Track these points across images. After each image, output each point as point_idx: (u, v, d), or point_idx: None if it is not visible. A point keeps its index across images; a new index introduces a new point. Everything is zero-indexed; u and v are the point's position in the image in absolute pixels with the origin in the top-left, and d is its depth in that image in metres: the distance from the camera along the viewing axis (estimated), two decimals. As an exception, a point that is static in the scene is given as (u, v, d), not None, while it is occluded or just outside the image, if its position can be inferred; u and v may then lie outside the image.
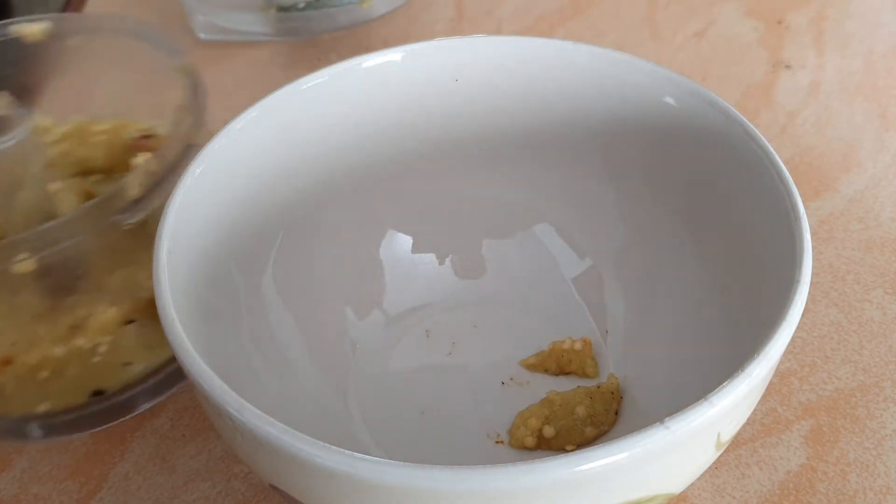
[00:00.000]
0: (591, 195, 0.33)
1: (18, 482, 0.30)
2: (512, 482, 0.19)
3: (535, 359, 0.31)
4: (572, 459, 0.19)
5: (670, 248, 0.31)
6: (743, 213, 0.27)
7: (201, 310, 0.25)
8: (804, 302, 0.22)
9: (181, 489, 0.30)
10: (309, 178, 0.31)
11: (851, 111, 0.43)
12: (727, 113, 0.28)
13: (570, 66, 0.31)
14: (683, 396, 0.25)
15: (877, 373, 0.32)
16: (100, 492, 0.30)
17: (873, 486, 0.29)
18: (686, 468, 0.22)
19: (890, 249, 0.36)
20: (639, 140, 0.31)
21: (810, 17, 0.50)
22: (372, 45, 0.49)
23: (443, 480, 0.19)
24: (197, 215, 0.27)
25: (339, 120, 0.31)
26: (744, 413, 0.23)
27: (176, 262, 0.25)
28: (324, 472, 0.20)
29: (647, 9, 0.51)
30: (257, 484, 0.30)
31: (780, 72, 0.46)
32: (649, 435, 0.19)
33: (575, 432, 0.29)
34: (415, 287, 0.34)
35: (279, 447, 0.20)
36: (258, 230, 0.30)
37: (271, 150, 0.30)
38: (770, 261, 0.25)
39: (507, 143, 0.33)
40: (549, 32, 0.50)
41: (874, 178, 0.39)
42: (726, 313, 0.27)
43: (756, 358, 0.21)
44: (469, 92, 0.32)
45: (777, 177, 0.26)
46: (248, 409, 0.20)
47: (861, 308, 0.34)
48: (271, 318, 0.30)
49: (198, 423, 0.31)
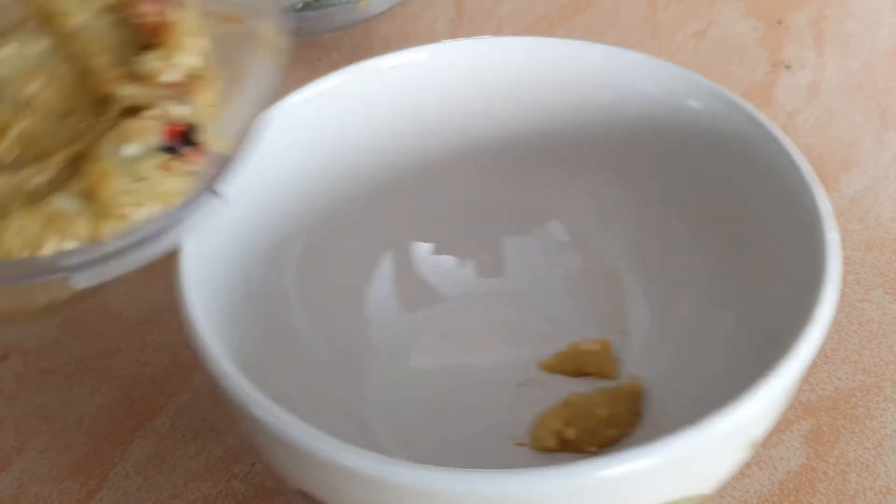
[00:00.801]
0: (609, 196, 0.33)
1: (18, 482, 0.30)
2: (553, 485, 0.19)
3: (553, 360, 0.31)
4: (609, 461, 0.19)
5: (689, 248, 0.31)
6: (764, 213, 0.27)
7: (225, 310, 0.26)
8: (834, 301, 0.22)
9: (181, 489, 0.30)
10: (329, 179, 0.31)
11: (851, 111, 0.43)
12: (747, 114, 0.28)
13: (587, 66, 0.31)
14: (706, 396, 0.25)
15: (877, 373, 0.32)
16: (100, 492, 0.30)
17: (873, 486, 0.29)
18: (717, 470, 0.22)
19: (890, 249, 0.36)
20: (656, 141, 0.31)
21: (810, 16, 0.50)
22: (372, 45, 0.49)
23: (482, 484, 0.19)
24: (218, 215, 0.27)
25: (360, 120, 0.31)
26: (776, 412, 0.23)
27: (199, 263, 0.25)
28: (360, 478, 0.20)
29: (647, 8, 0.51)
30: (258, 484, 0.30)
31: (780, 72, 0.46)
32: (683, 437, 0.19)
33: (597, 434, 0.28)
34: (433, 287, 0.34)
35: (314, 453, 0.20)
36: (279, 231, 0.30)
37: (292, 151, 0.30)
38: (794, 261, 0.25)
39: (526, 144, 0.33)
40: (549, 32, 0.49)
41: (874, 178, 0.39)
42: (748, 313, 0.27)
43: (788, 357, 0.21)
44: (486, 92, 0.32)
45: (800, 178, 0.26)
46: (283, 417, 0.20)
47: (861, 308, 0.34)
48: (292, 319, 0.30)
49: (198, 424, 0.31)
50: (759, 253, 0.28)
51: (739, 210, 0.29)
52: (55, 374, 0.33)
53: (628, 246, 0.33)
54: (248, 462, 0.30)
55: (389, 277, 0.33)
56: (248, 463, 0.30)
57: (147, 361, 0.34)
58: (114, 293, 0.36)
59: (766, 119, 0.28)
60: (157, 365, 0.33)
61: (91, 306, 0.35)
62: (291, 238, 0.30)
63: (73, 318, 0.35)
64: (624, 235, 0.33)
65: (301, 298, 0.30)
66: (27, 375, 0.33)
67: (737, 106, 0.28)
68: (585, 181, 0.33)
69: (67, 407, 0.32)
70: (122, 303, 0.36)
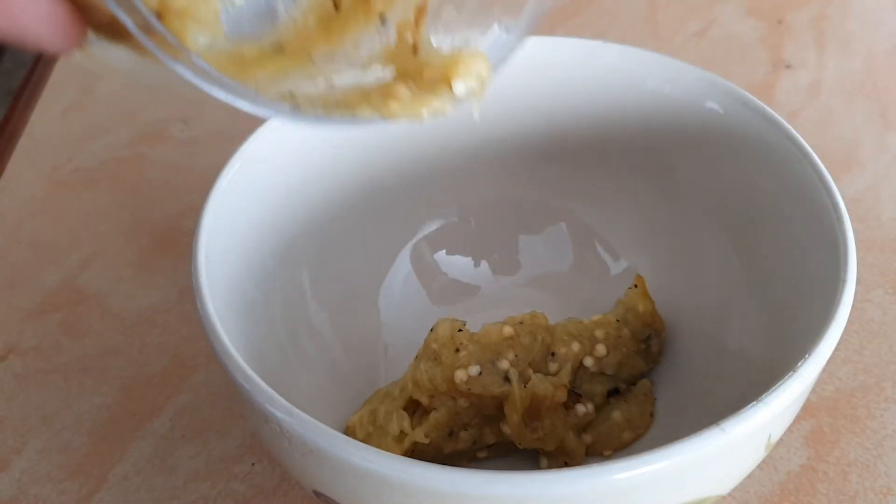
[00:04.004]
0: (625, 196, 0.33)
1: (18, 483, 0.30)
2: (572, 487, 0.19)
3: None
4: (632, 462, 0.19)
5: (707, 248, 0.31)
6: (782, 214, 0.27)
7: (239, 308, 0.26)
8: (851, 301, 0.22)
9: (181, 489, 0.30)
10: (341, 179, 0.31)
11: (852, 111, 0.43)
12: (765, 114, 0.28)
13: (601, 66, 0.31)
14: (719, 400, 0.25)
15: (877, 373, 0.32)
16: (99, 492, 0.30)
17: (874, 487, 0.29)
18: (736, 470, 0.22)
19: (890, 249, 0.36)
20: (671, 139, 0.31)
21: (811, 16, 0.50)
22: (372, 45, 0.49)
23: (502, 486, 0.19)
24: (234, 214, 0.27)
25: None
26: (793, 413, 0.23)
27: (214, 261, 0.25)
28: (376, 479, 0.20)
29: (647, 8, 0.51)
30: (258, 484, 0.30)
31: (781, 71, 0.46)
32: (706, 437, 0.19)
33: (612, 437, 0.28)
34: (446, 287, 0.34)
35: (330, 453, 0.20)
36: (293, 229, 0.30)
37: (305, 150, 0.30)
38: (811, 262, 0.25)
39: (540, 144, 0.33)
40: (550, 31, 0.49)
41: (874, 178, 0.39)
42: (764, 314, 0.27)
43: (807, 358, 0.21)
44: (501, 92, 0.32)
45: (818, 178, 0.26)
46: (303, 418, 0.20)
47: (861, 308, 0.34)
48: (307, 317, 0.30)
49: (197, 424, 0.31)
50: (777, 253, 0.28)
51: (756, 210, 0.29)
52: (55, 374, 0.33)
53: (645, 246, 0.33)
54: (248, 462, 0.30)
55: (404, 276, 0.33)
56: (248, 463, 0.30)
57: (147, 361, 0.34)
58: (114, 293, 0.36)
59: (782, 119, 0.28)
60: (157, 365, 0.33)
61: (91, 306, 0.35)
62: (306, 236, 0.30)
63: (73, 318, 0.35)
64: (641, 236, 0.33)
65: (315, 297, 0.31)
66: (27, 375, 0.33)
67: (753, 105, 0.29)
68: (600, 180, 0.33)
69: (67, 407, 0.32)
70: (122, 303, 0.36)
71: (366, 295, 0.32)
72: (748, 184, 0.29)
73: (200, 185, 0.27)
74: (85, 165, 0.42)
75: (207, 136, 0.43)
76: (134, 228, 0.39)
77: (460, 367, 0.27)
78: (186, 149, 0.43)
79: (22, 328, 0.35)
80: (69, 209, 0.40)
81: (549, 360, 0.28)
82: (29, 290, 0.36)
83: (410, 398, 0.27)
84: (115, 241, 0.38)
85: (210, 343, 0.23)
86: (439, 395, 0.27)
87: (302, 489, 0.29)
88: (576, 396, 0.28)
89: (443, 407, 0.27)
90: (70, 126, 0.44)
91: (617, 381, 0.29)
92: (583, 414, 0.28)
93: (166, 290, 0.36)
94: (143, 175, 0.41)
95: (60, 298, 0.36)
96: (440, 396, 0.27)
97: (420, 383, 0.27)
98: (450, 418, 0.27)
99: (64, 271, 0.37)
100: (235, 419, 0.31)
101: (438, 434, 0.27)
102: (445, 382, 0.27)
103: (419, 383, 0.27)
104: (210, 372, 0.33)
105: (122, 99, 0.46)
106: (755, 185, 0.29)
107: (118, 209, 0.40)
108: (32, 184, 0.41)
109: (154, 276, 0.37)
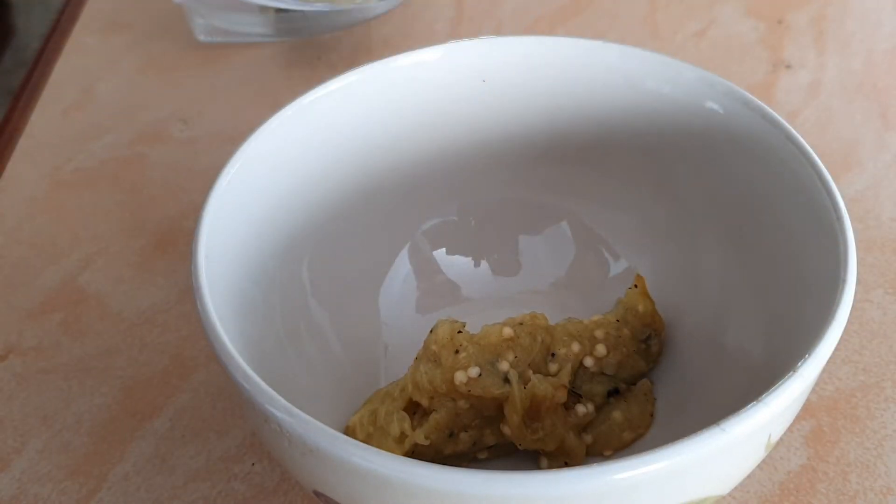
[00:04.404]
0: (626, 196, 0.33)
1: (18, 482, 0.30)
2: (572, 487, 0.19)
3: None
4: (633, 462, 0.19)
5: (707, 248, 0.31)
6: (782, 214, 0.27)
7: (239, 307, 0.26)
8: (851, 301, 0.22)
9: (181, 489, 0.30)
10: (341, 178, 0.31)
11: (852, 111, 0.43)
12: (765, 114, 0.28)
13: (601, 66, 0.31)
14: (719, 400, 0.25)
15: (877, 373, 0.32)
16: (100, 492, 0.30)
17: (874, 487, 0.29)
18: (736, 470, 0.22)
19: (890, 249, 0.36)
20: (671, 140, 0.31)
21: (811, 16, 0.50)
22: (372, 45, 0.49)
23: (503, 486, 0.19)
24: (234, 214, 0.27)
25: (373, 119, 0.31)
26: (793, 413, 0.23)
27: (214, 261, 0.25)
28: (377, 479, 0.20)
29: (647, 8, 0.51)
30: (258, 484, 0.30)
31: (781, 71, 0.46)
32: (706, 437, 0.19)
33: (612, 437, 0.28)
34: (446, 287, 0.34)
35: (330, 453, 0.20)
36: (293, 228, 0.30)
37: (305, 149, 0.30)
38: (811, 262, 0.25)
39: (540, 144, 0.33)
40: (549, 32, 0.49)
41: (874, 178, 0.39)
42: (764, 314, 0.27)
43: (807, 358, 0.21)
44: (500, 92, 0.32)
45: (818, 178, 0.26)
46: (303, 418, 0.20)
47: (861, 308, 0.34)
48: (307, 316, 0.30)
49: (197, 424, 0.31)
50: (777, 253, 0.28)
51: (757, 210, 0.29)
52: (55, 374, 0.33)
53: (645, 247, 0.33)
54: (248, 462, 0.30)
55: (404, 276, 0.33)
56: (248, 463, 0.30)
57: (147, 361, 0.34)
58: (114, 293, 0.36)
59: (782, 119, 0.28)
60: (157, 365, 0.33)
61: (91, 306, 0.35)
62: (306, 236, 0.30)
63: (73, 318, 0.35)
64: (641, 236, 0.33)
65: (315, 296, 0.30)
66: (27, 375, 0.33)
67: (753, 105, 0.29)
68: (600, 181, 0.33)
69: (67, 407, 0.32)
70: (122, 303, 0.36)
71: (366, 295, 0.32)
72: (748, 184, 0.29)
73: (200, 185, 0.27)
74: (85, 165, 0.42)
75: (207, 136, 0.43)
76: (134, 228, 0.39)
77: (460, 369, 0.27)
78: (186, 149, 0.43)
79: (22, 328, 0.35)
80: (69, 209, 0.40)
81: (549, 361, 0.28)
82: (29, 290, 0.36)
83: (411, 399, 0.27)
84: (115, 241, 0.38)
85: (210, 343, 0.23)
86: (439, 397, 0.27)
87: (302, 489, 0.29)
88: (576, 397, 0.28)
89: (443, 408, 0.27)
90: (70, 126, 0.44)
91: (617, 381, 0.29)
92: (583, 414, 0.28)
93: (166, 290, 0.36)
94: (143, 175, 0.41)
95: (60, 298, 0.36)
96: (440, 398, 0.27)
97: (420, 385, 0.27)
98: (450, 420, 0.27)
99: (64, 271, 0.37)
100: (235, 419, 0.31)
101: (438, 435, 0.27)
102: (445, 384, 0.27)
103: (419, 385, 0.27)
104: (210, 372, 0.33)
105: (122, 99, 0.46)
106: (755, 185, 0.29)
107: (118, 209, 0.40)
108: (32, 184, 0.41)
109: (154, 276, 0.37)
